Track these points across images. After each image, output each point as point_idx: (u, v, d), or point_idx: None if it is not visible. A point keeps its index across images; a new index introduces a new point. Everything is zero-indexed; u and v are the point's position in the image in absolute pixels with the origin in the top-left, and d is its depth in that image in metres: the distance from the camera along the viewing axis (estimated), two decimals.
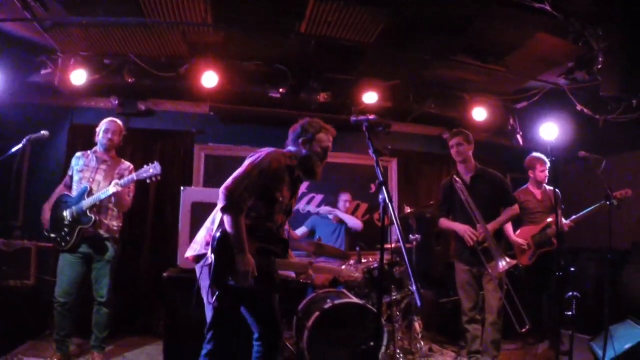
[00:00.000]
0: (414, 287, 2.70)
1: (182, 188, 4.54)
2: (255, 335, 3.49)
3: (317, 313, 4.70)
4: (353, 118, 3.17)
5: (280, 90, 6.22)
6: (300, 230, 6.60)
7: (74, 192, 4.90)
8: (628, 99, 5.69)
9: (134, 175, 4.83)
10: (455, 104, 6.88)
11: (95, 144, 5.14)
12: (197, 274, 3.41)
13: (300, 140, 3.54)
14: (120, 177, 4.99)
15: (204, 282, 3.31)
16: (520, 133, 7.11)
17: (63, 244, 4.77)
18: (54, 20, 5.18)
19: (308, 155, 3.54)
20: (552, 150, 4.79)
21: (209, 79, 6.03)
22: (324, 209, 6.78)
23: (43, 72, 5.94)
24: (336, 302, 4.82)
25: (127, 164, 5.23)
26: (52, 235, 4.85)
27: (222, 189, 3.17)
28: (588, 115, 6.15)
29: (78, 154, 5.13)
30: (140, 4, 4.88)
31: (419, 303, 2.71)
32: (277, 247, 3.47)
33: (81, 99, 6.64)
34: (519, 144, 7.14)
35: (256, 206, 3.30)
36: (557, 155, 5.38)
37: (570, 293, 4.49)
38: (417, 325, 5.49)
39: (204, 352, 3.32)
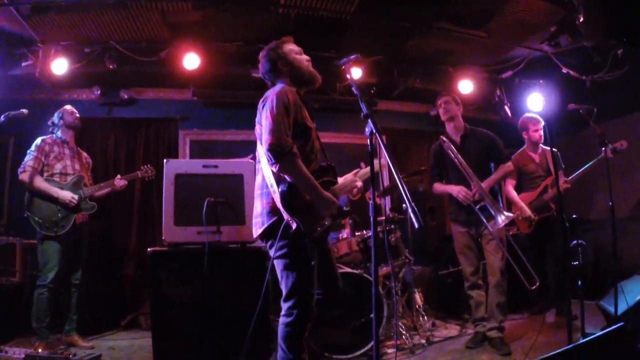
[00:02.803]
0: (410, 208, 2.33)
1: (165, 160, 4.14)
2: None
3: None
4: (337, 63, 2.99)
5: None
6: None
7: (57, 178, 4.73)
8: (613, 46, 5.35)
9: (138, 173, 5.12)
10: (440, 78, 6.48)
11: (52, 132, 5.00)
12: (272, 252, 2.97)
13: (278, 65, 3.13)
14: (88, 165, 5.14)
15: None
16: (508, 104, 6.71)
17: (55, 229, 4.59)
18: (31, 2, 4.83)
19: (295, 67, 3.14)
20: (546, 121, 4.43)
21: (191, 61, 5.67)
22: None
23: (24, 64, 5.61)
24: None
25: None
26: (39, 220, 4.57)
27: (265, 150, 2.76)
28: (575, 78, 5.80)
29: (48, 140, 4.87)
30: None
31: (416, 224, 2.32)
32: (329, 175, 3.09)
33: (63, 92, 6.27)
34: (507, 116, 6.74)
35: (297, 146, 2.91)
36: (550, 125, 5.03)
37: (575, 241, 4.07)
38: (417, 297, 5.04)
39: (286, 320, 2.90)
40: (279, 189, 2.81)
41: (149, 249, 4.06)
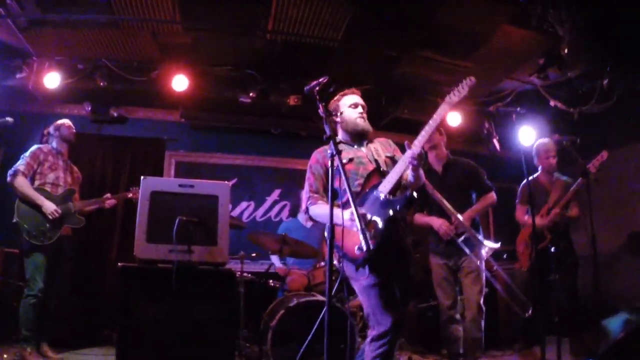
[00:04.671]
0: (360, 231, 2.32)
1: (142, 177, 4.00)
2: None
3: (281, 312, 4.10)
4: (306, 87, 2.91)
5: (251, 94, 5.72)
6: None
7: (48, 187, 4.61)
8: (597, 75, 5.20)
9: (128, 194, 5.05)
10: (428, 110, 6.25)
11: (46, 142, 4.93)
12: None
13: (333, 115, 3.34)
14: (78, 179, 5.02)
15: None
16: (497, 137, 6.50)
17: (42, 238, 4.44)
18: (28, 16, 4.76)
19: (343, 119, 3.37)
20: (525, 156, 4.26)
21: (180, 82, 5.55)
22: None
23: (18, 76, 5.52)
24: (302, 300, 4.22)
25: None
26: (27, 227, 4.41)
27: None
28: (563, 110, 5.64)
29: (44, 148, 4.76)
30: (111, 4, 4.58)
31: (364, 247, 2.22)
32: (373, 178, 3.16)
33: (55, 106, 6.19)
34: (496, 150, 6.53)
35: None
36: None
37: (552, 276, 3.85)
38: None
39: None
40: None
41: (119, 264, 3.90)
